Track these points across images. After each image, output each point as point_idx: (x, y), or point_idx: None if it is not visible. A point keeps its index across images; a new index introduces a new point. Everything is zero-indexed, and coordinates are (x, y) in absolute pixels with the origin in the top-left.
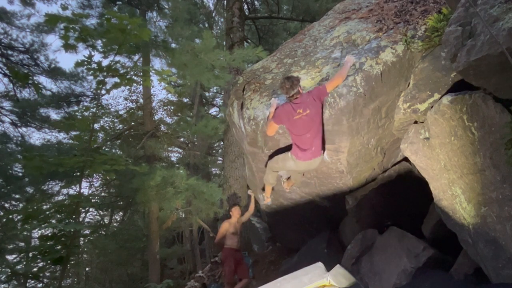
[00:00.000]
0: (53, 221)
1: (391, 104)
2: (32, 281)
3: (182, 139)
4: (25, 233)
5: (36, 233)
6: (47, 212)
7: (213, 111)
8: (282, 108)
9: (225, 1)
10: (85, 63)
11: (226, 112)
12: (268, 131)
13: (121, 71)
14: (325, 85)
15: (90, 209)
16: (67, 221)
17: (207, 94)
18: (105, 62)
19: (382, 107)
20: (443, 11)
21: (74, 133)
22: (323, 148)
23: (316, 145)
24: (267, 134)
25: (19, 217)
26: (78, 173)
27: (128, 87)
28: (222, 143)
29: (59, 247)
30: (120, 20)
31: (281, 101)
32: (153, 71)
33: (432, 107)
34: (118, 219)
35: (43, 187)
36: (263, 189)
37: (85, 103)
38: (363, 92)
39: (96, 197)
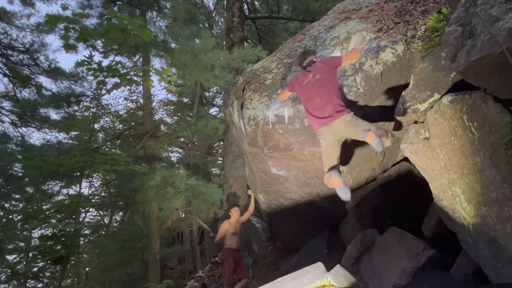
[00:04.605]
0: (53, 221)
1: None
2: (32, 281)
3: (182, 139)
4: (25, 233)
5: (36, 233)
6: (47, 212)
7: (213, 111)
8: (295, 77)
9: (225, 1)
10: (85, 63)
11: (226, 112)
12: (281, 96)
13: (121, 71)
14: (341, 56)
15: (90, 209)
16: (67, 221)
17: (207, 94)
18: (105, 62)
19: None
20: (443, 11)
21: (74, 133)
22: (343, 111)
23: (329, 111)
24: (280, 99)
25: (19, 217)
26: (78, 173)
27: (128, 87)
28: (222, 143)
29: (59, 247)
30: (121, 20)
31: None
32: (153, 71)
33: (432, 107)
34: (118, 219)
35: (43, 187)
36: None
37: (85, 103)
38: (363, 92)
39: (96, 197)
